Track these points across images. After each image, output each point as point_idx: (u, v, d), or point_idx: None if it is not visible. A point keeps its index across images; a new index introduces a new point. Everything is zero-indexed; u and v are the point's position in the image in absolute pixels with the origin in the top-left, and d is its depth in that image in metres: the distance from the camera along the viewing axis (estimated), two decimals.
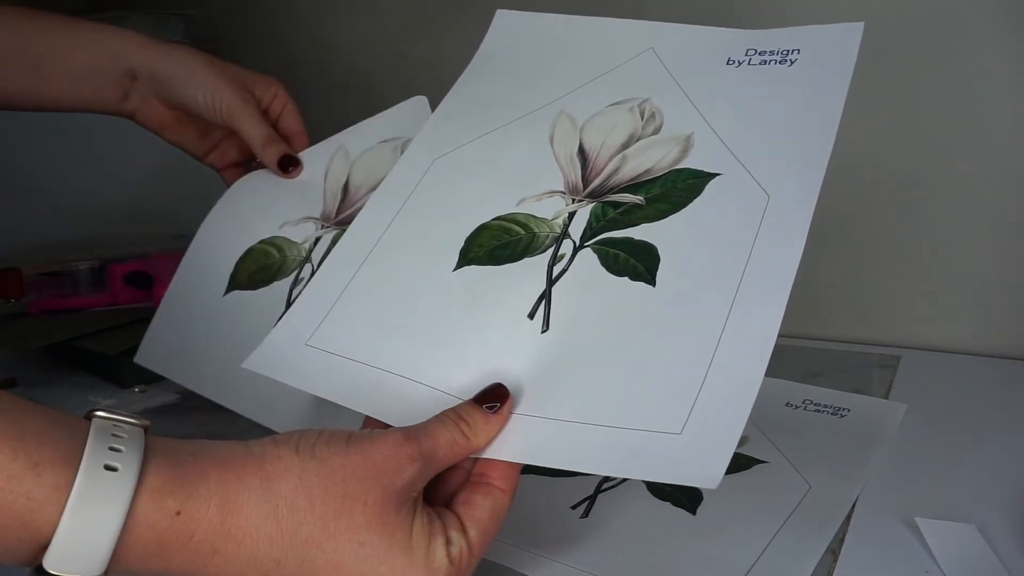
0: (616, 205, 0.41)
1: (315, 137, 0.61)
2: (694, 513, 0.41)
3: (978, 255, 0.66)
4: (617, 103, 0.46)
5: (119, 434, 0.27)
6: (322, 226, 0.55)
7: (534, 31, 0.53)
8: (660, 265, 0.38)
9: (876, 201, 0.69)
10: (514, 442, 0.34)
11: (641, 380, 0.34)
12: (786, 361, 0.64)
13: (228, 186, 0.61)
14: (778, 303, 0.34)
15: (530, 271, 0.40)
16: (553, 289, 0.39)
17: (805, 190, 0.37)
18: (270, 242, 0.55)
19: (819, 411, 0.53)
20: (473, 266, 0.41)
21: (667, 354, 0.34)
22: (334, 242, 0.50)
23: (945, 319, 0.68)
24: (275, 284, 0.53)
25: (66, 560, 0.25)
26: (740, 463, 0.47)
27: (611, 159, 0.43)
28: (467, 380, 0.37)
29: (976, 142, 0.64)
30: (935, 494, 0.42)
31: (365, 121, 0.60)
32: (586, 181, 0.43)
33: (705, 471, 0.30)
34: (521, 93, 0.49)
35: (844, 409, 0.53)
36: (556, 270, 0.39)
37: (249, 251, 0.56)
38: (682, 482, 0.31)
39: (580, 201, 0.42)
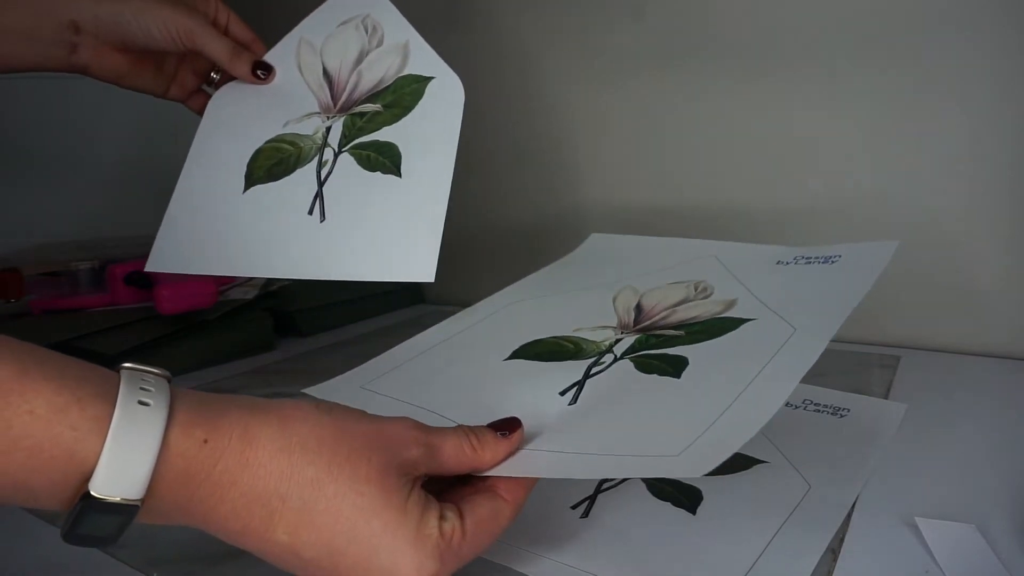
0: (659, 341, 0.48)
1: None
2: (694, 513, 0.41)
3: (978, 255, 0.66)
4: (677, 282, 0.55)
5: (147, 379, 0.29)
6: (327, 117, 0.58)
7: (616, 245, 0.66)
8: (688, 367, 0.43)
9: (875, 201, 0.69)
10: (520, 467, 0.36)
11: (652, 426, 0.38)
12: None
13: (199, 114, 0.61)
14: (789, 387, 0.39)
15: (570, 370, 0.46)
16: (589, 381, 0.45)
17: (827, 324, 0.43)
18: (279, 139, 0.58)
19: (819, 411, 0.53)
20: (521, 360, 0.49)
21: (677, 416, 0.38)
22: (346, 126, 0.57)
23: (945, 319, 0.68)
24: (298, 171, 0.56)
25: (110, 484, 0.26)
26: (740, 463, 0.47)
27: (664, 311, 0.52)
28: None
29: (975, 142, 0.64)
30: (935, 494, 0.42)
31: (315, 12, 0.62)
32: (637, 323, 0.52)
33: (692, 472, 0.33)
34: (593, 275, 0.60)
35: (844, 409, 0.53)
36: (594, 369, 0.46)
37: (259, 151, 0.58)
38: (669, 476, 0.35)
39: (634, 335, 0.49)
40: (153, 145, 0.66)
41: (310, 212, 0.55)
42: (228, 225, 0.55)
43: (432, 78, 0.57)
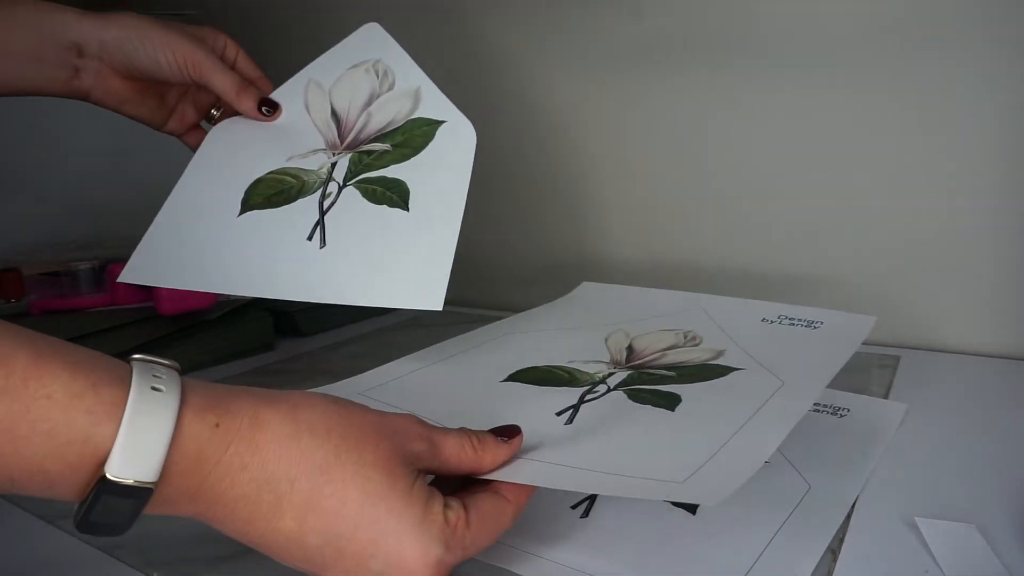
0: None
1: None
2: (694, 513, 0.41)
3: (978, 255, 0.66)
4: (667, 329, 0.59)
5: (157, 369, 0.29)
6: (333, 154, 0.57)
7: (607, 294, 0.68)
8: (681, 403, 0.45)
9: (874, 201, 0.69)
10: (520, 474, 0.36)
11: (651, 452, 0.39)
12: None
13: (195, 151, 0.59)
14: (784, 430, 0.39)
15: (565, 395, 0.47)
16: (583, 406, 0.46)
17: (814, 383, 0.46)
18: (282, 172, 0.56)
19: (819, 411, 0.53)
20: (517, 383, 0.50)
21: (676, 445, 0.39)
22: (352, 162, 0.56)
23: (945, 319, 0.68)
24: (300, 201, 0.55)
25: (125, 466, 0.27)
26: None
27: (655, 354, 0.54)
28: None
29: (971, 141, 0.64)
30: (935, 494, 0.42)
31: (324, 55, 0.62)
32: (629, 361, 0.53)
33: (697, 499, 0.34)
34: (585, 317, 0.64)
35: (844, 409, 0.53)
36: (588, 396, 0.47)
37: (259, 180, 0.56)
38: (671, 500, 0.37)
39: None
40: (155, 144, 0.66)
41: (309, 238, 0.53)
42: (218, 243, 0.53)
43: (444, 122, 0.57)
